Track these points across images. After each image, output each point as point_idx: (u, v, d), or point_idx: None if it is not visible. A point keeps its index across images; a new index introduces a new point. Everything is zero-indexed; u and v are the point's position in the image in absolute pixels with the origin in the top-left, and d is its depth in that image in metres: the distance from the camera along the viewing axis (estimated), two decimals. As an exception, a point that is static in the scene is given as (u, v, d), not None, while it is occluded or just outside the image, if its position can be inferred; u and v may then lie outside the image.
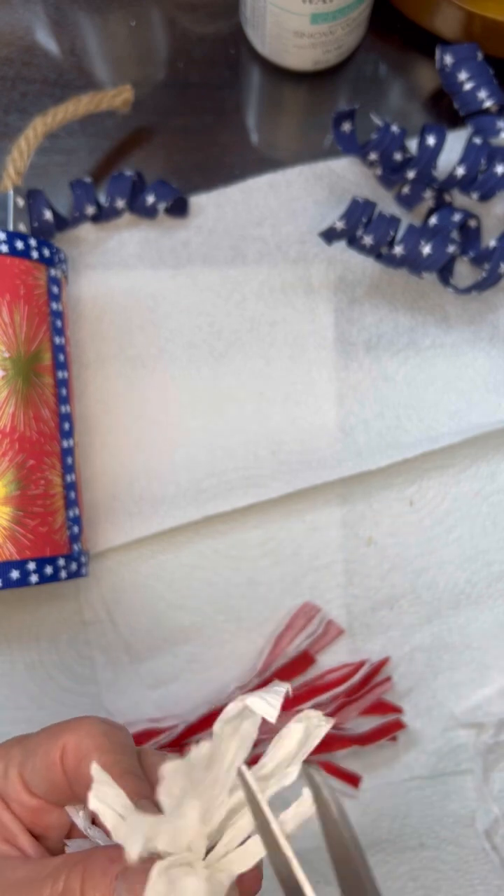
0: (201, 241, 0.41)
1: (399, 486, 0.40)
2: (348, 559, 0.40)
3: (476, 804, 0.38)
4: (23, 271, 0.33)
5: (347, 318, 0.41)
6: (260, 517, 0.39)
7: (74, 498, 0.35)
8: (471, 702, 0.39)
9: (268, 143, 0.44)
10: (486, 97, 0.39)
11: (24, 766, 0.25)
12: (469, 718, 0.39)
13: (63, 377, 0.35)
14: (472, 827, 0.39)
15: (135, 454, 0.40)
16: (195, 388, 0.40)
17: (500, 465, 0.40)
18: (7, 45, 0.44)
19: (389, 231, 0.38)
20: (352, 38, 0.42)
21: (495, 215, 0.41)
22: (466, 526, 0.40)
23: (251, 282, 0.41)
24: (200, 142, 0.43)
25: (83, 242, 0.41)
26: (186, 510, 0.38)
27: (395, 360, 0.41)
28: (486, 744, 0.38)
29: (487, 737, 0.38)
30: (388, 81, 0.45)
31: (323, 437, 0.40)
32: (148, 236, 0.41)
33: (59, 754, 0.24)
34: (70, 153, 0.42)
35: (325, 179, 0.42)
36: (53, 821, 0.26)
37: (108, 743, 0.24)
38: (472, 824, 0.39)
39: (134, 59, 0.44)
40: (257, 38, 0.43)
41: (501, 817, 0.38)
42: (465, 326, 0.41)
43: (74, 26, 0.44)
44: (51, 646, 0.39)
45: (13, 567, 0.31)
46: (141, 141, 0.43)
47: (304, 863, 0.38)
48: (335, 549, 0.40)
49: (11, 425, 0.32)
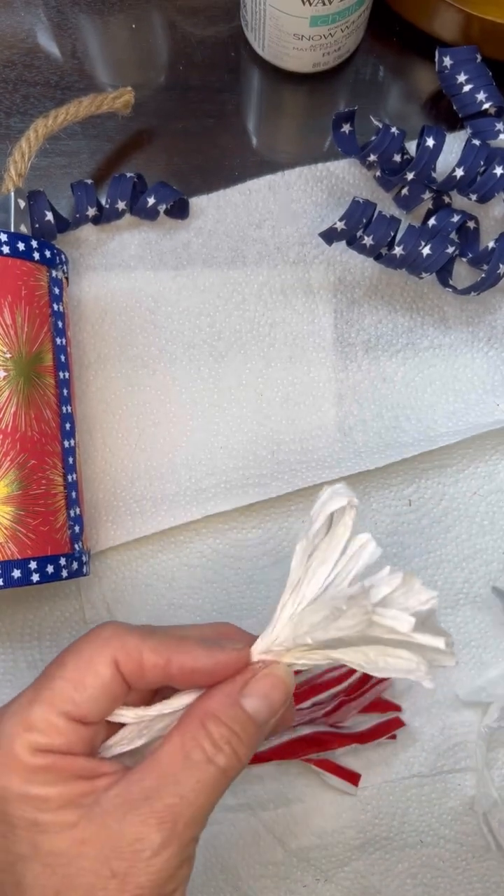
0: (201, 242, 0.41)
1: (397, 486, 0.40)
2: (347, 558, 0.40)
3: (476, 789, 0.39)
4: (24, 272, 0.34)
5: (346, 320, 0.41)
6: (260, 517, 0.40)
7: (76, 497, 0.35)
8: (475, 684, 0.40)
9: (268, 145, 0.44)
10: (485, 99, 0.39)
11: (74, 703, 0.25)
12: (473, 698, 0.39)
13: (64, 377, 0.35)
14: (471, 824, 0.39)
15: (135, 454, 0.40)
16: (195, 388, 0.40)
17: (497, 465, 0.40)
18: (9, 48, 0.44)
19: (389, 232, 0.38)
20: (351, 41, 0.43)
21: (494, 217, 0.42)
22: (464, 525, 0.40)
23: (251, 283, 0.41)
24: (201, 144, 0.43)
25: (84, 244, 0.41)
26: (187, 509, 0.38)
27: (393, 361, 0.41)
28: (489, 727, 0.38)
29: (491, 720, 0.38)
30: (387, 83, 0.45)
31: (322, 437, 0.40)
32: (148, 238, 0.41)
33: (114, 668, 0.25)
34: (71, 155, 0.43)
35: (325, 181, 0.42)
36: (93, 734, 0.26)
37: (142, 629, 0.26)
38: (471, 818, 0.39)
39: (135, 62, 0.45)
40: (257, 40, 0.43)
41: (500, 802, 0.38)
42: (463, 327, 0.41)
43: (76, 29, 0.44)
44: (52, 644, 0.39)
45: (15, 566, 0.31)
46: (142, 143, 0.43)
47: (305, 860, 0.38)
48: (334, 549, 0.40)
49: (13, 425, 0.32)
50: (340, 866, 0.38)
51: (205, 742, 0.24)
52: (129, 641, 0.25)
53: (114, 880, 0.22)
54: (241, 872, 0.38)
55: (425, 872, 0.38)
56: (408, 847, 0.38)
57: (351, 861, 0.38)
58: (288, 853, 0.38)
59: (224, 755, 0.24)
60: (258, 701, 0.25)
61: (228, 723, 0.24)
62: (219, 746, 0.24)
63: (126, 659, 0.25)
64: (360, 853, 0.38)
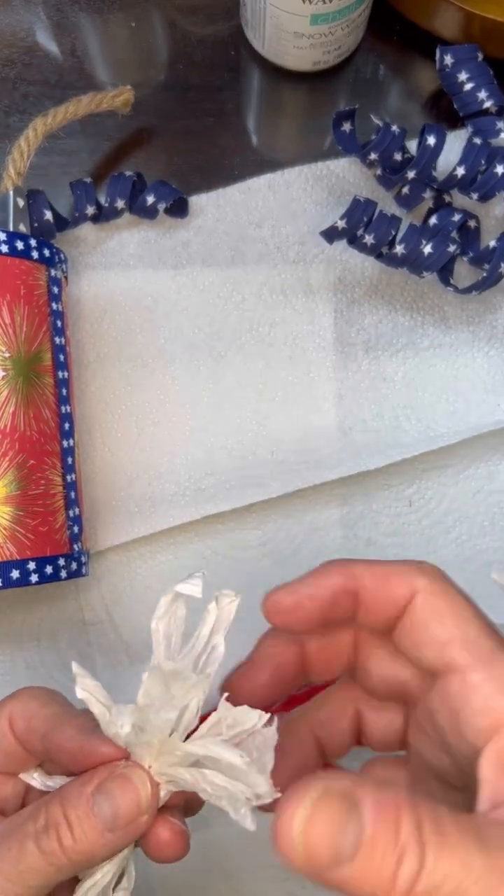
0: (201, 241, 0.41)
1: (398, 487, 0.40)
2: (348, 559, 0.40)
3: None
4: (23, 272, 0.33)
5: (346, 319, 0.41)
6: (259, 517, 0.39)
7: (75, 497, 0.35)
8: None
9: (267, 144, 0.44)
10: (486, 98, 0.39)
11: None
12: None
13: (63, 377, 0.35)
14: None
15: (135, 454, 0.40)
16: (195, 388, 0.40)
17: (498, 466, 0.40)
18: (8, 47, 0.44)
19: (390, 230, 0.38)
20: (351, 39, 0.42)
21: (494, 216, 0.41)
22: (465, 526, 0.40)
23: (251, 282, 0.41)
24: (200, 143, 0.43)
25: (83, 243, 0.41)
26: (186, 510, 0.38)
27: (393, 361, 0.41)
28: None
29: None
30: (387, 82, 0.45)
31: (322, 437, 0.40)
32: (148, 237, 0.41)
33: (7, 724, 0.26)
34: (70, 154, 0.43)
35: (325, 180, 0.42)
36: (8, 792, 0.27)
37: (51, 697, 0.27)
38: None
39: (134, 60, 0.45)
40: (257, 39, 0.43)
41: None
42: (463, 327, 0.41)
43: (75, 28, 0.44)
44: (51, 645, 0.39)
45: (13, 567, 0.31)
46: (141, 142, 0.43)
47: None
48: (334, 550, 0.40)
49: (12, 425, 0.32)
50: (340, 868, 0.38)
51: (40, 818, 0.23)
52: (31, 705, 0.26)
53: None
54: (241, 875, 0.38)
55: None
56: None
57: (351, 863, 0.38)
58: (288, 855, 0.38)
59: (48, 838, 0.23)
60: (104, 799, 0.23)
61: (66, 809, 0.23)
62: (46, 827, 0.23)
63: (19, 717, 0.26)
64: (361, 855, 0.38)
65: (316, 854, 0.18)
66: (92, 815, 0.23)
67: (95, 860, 0.24)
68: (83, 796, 0.23)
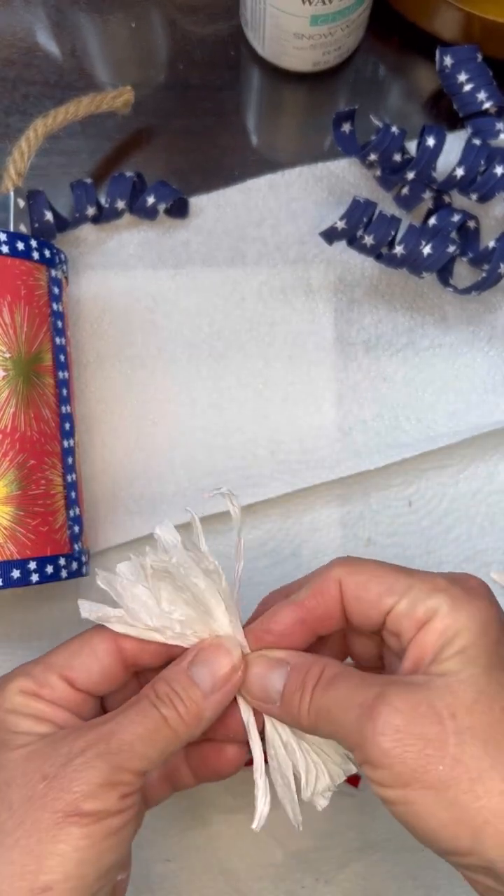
0: (201, 241, 0.41)
1: (398, 487, 0.40)
2: (347, 559, 0.40)
3: None
4: (23, 272, 0.34)
5: (346, 319, 0.41)
6: (259, 517, 0.40)
7: (75, 497, 0.35)
8: None
9: (267, 144, 0.44)
10: (486, 98, 0.39)
11: (70, 668, 0.29)
12: None
13: (63, 377, 0.35)
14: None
15: (135, 454, 0.40)
16: (195, 388, 0.40)
17: (497, 466, 0.40)
18: (8, 47, 0.44)
19: (390, 231, 0.38)
20: (351, 40, 0.43)
21: (494, 216, 0.41)
22: (464, 526, 0.40)
23: (251, 282, 0.41)
24: (200, 143, 0.43)
25: (83, 243, 0.41)
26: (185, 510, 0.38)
27: (393, 361, 0.41)
28: None
29: None
30: (387, 83, 0.45)
31: (322, 437, 0.40)
32: (148, 237, 0.41)
33: (111, 643, 0.29)
34: (70, 154, 0.43)
35: (325, 181, 0.42)
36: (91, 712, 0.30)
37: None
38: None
39: (134, 60, 0.45)
40: (257, 39, 0.43)
41: None
42: (463, 327, 0.41)
43: (75, 28, 0.44)
44: (52, 645, 0.39)
45: (14, 566, 0.31)
46: (141, 142, 0.43)
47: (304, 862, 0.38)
48: (334, 550, 0.40)
49: (12, 425, 0.32)
50: (340, 868, 0.38)
51: (150, 694, 0.27)
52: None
53: (43, 782, 0.25)
54: (241, 874, 0.38)
55: (425, 874, 0.38)
56: (407, 850, 0.38)
57: (351, 863, 0.38)
58: (287, 855, 0.38)
59: (165, 706, 0.27)
60: (200, 668, 0.28)
61: (172, 684, 0.27)
62: (161, 699, 0.27)
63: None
64: (360, 855, 0.38)
65: (252, 692, 0.29)
66: (194, 684, 0.28)
67: (206, 722, 0.28)
68: (181, 671, 0.28)
